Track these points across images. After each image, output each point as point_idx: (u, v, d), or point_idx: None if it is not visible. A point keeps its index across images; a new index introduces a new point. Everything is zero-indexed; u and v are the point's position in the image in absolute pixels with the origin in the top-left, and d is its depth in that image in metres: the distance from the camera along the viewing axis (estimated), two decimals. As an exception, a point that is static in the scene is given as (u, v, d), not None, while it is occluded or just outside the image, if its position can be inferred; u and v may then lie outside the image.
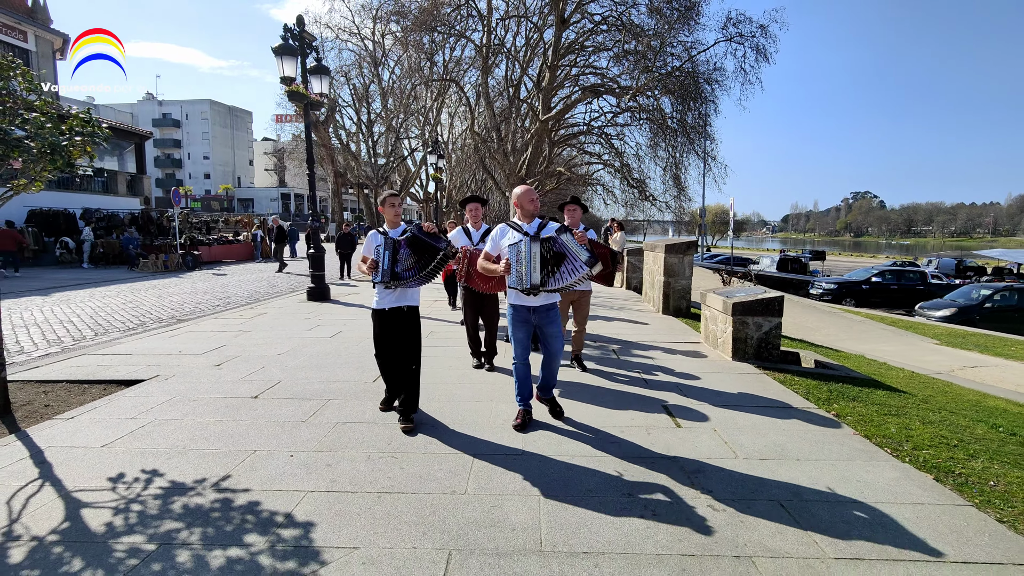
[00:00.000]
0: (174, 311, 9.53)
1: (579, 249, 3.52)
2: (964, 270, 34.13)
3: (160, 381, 5.07)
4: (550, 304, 3.87)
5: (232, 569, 2.30)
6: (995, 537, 2.61)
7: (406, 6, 22.23)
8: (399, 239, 3.71)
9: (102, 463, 3.33)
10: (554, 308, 3.90)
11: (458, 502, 2.88)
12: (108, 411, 4.26)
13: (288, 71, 9.85)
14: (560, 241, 3.56)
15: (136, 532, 2.58)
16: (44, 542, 2.50)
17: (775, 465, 3.37)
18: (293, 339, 6.98)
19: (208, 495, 2.93)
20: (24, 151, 3.61)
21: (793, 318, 13.83)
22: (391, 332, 3.86)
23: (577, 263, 3.52)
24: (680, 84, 21.07)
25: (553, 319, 3.87)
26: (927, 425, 4.20)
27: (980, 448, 3.76)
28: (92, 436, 3.75)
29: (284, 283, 14.40)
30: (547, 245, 3.56)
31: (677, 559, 2.40)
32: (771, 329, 5.94)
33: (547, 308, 3.86)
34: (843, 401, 4.69)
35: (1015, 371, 9.36)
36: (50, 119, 3.77)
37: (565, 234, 3.58)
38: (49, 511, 2.77)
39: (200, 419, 4.08)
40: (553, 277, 3.57)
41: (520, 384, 3.95)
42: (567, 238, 3.55)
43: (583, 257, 3.50)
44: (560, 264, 3.55)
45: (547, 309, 3.86)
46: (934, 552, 2.48)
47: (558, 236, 3.58)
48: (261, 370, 5.48)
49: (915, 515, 2.79)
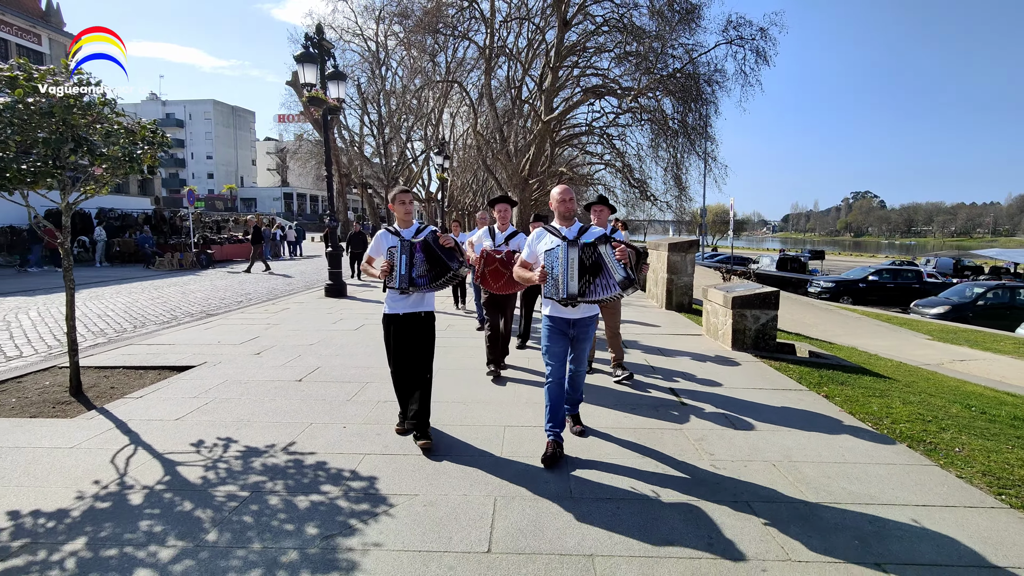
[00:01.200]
0: (201, 306, 10.01)
1: (616, 266, 3.18)
2: (962, 269, 34.62)
3: (209, 367, 5.55)
4: (591, 316, 3.52)
5: (317, 510, 2.78)
6: (952, 488, 3.09)
7: (409, 8, 22.65)
8: (415, 241, 3.46)
9: (180, 432, 3.81)
10: (594, 322, 3.58)
11: (497, 463, 3.36)
12: (170, 392, 4.74)
13: (309, 78, 10.33)
14: (599, 252, 3.22)
15: (228, 483, 3.06)
16: (154, 490, 2.98)
17: (769, 435, 3.85)
18: (321, 331, 7.46)
19: (280, 456, 3.42)
20: (107, 159, 4.09)
21: (791, 315, 14.30)
22: (405, 339, 3.57)
23: (611, 280, 3.19)
24: (681, 86, 21.57)
25: (590, 335, 3.56)
26: (906, 405, 4.68)
27: (951, 423, 4.24)
28: (164, 411, 4.23)
29: (299, 281, 14.89)
30: (588, 252, 3.22)
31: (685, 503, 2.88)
32: (768, 321, 6.42)
33: (588, 321, 3.50)
34: (832, 385, 5.17)
35: (1001, 364, 9.82)
36: (127, 132, 4.24)
37: (604, 246, 3.23)
38: (149, 468, 3.25)
39: (255, 398, 4.57)
40: (590, 288, 3.25)
41: (552, 409, 3.44)
42: (605, 250, 3.21)
43: (618, 276, 3.17)
44: (596, 276, 3.23)
45: (587, 323, 3.50)
46: (900, 498, 2.96)
47: (598, 245, 3.23)
48: (298, 358, 5.96)
49: (887, 472, 3.28)
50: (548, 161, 25.76)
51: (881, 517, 2.76)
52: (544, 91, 22.72)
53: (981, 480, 3.18)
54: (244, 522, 2.65)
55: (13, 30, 23.24)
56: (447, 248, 3.46)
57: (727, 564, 2.37)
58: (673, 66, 21.59)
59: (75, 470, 3.20)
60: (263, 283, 14.25)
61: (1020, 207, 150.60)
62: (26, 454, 3.41)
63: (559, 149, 28.48)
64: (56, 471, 3.19)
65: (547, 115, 22.30)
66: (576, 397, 3.78)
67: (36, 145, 3.81)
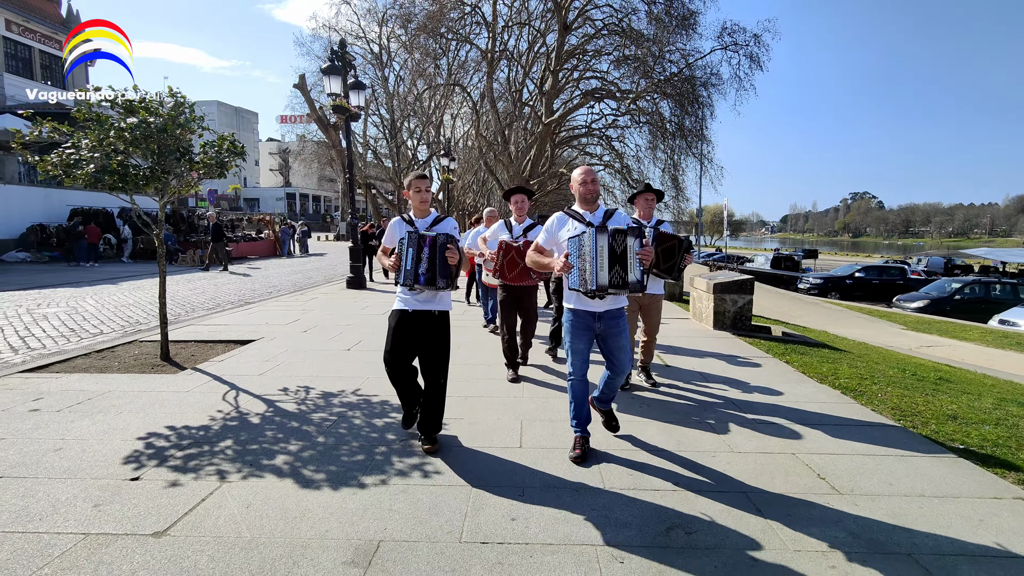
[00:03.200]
0: (237, 296, 11.00)
1: (635, 266, 2.95)
2: (952, 268, 35.63)
3: (267, 341, 6.55)
4: (618, 309, 3.23)
5: (390, 426, 3.77)
6: (864, 413, 4.10)
7: (412, 12, 23.54)
8: (426, 234, 3.17)
9: (266, 382, 4.81)
10: (623, 315, 3.29)
11: (520, 396, 4.36)
12: (244, 357, 5.74)
13: (334, 88, 11.33)
14: (627, 244, 2.95)
15: (319, 412, 4.05)
16: (264, 415, 3.98)
17: (732, 387, 4.85)
18: (353, 315, 8.46)
19: (351, 397, 4.41)
20: (203, 166, 5.08)
21: (779, 307, 15.32)
22: (411, 337, 3.28)
23: (633, 275, 2.96)
24: (677, 90, 22.56)
25: (622, 329, 3.24)
26: (852, 368, 5.68)
27: (884, 380, 5.24)
28: (246, 369, 5.23)
29: (319, 274, 15.88)
30: (619, 240, 2.93)
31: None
32: (744, 304, 7.42)
33: (615, 314, 3.21)
34: (794, 355, 6.16)
35: (964, 349, 10.84)
36: (216, 143, 5.24)
37: (635, 240, 2.96)
38: (254, 404, 4.24)
39: (316, 361, 5.56)
40: (622, 280, 2.96)
41: (576, 405, 3.29)
42: (632, 243, 2.95)
43: (632, 277, 2.94)
44: (625, 268, 2.96)
45: (615, 316, 3.21)
46: (825, 421, 3.96)
47: (628, 236, 2.96)
48: (340, 334, 6.96)
49: (818, 406, 4.28)
50: (548, 162, 26.73)
51: (804, 425, 3.75)
52: (545, 93, 23.67)
53: (889, 412, 4.19)
54: (340, 433, 3.65)
55: (37, 37, 24.22)
56: (445, 263, 3.16)
57: (695, 437, 3.36)
58: (670, 70, 22.58)
59: (199, 405, 4.20)
60: (287, 276, 15.24)
61: (1017, 208, 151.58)
62: (155, 396, 4.41)
63: (559, 150, 29.45)
64: (185, 405, 4.18)
65: (547, 117, 23.26)
66: (610, 396, 3.51)
67: (151, 155, 4.79)
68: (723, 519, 2.60)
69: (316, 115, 36.45)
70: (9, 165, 19.63)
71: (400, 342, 3.28)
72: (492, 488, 2.89)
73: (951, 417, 4.13)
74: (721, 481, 3.01)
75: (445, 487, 2.89)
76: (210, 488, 2.84)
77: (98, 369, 5.23)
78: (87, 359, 5.62)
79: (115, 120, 4.69)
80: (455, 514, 2.62)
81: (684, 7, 21.87)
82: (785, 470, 3.14)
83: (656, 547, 2.37)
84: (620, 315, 3.25)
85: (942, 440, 3.65)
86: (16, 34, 23.26)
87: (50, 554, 2.26)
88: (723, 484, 2.97)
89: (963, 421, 4.06)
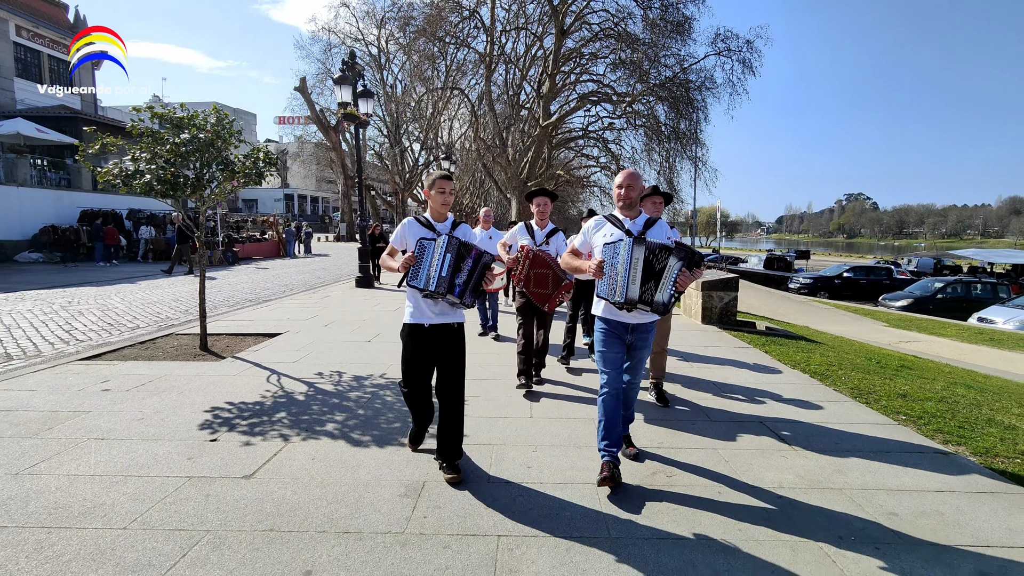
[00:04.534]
0: (252, 294, 11.59)
1: (668, 284, 2.83)
2: (941, 269, 36.49)
3: (293, 334, 7.15)
4: (651, 322, 3.13)
5: (417, 402, 4.38)
6: (827, 392, 4.75)
7: (410, 15, 24.10)
8: (471, 243, 2.97)
9: (301, 368, 5.41)
10: (653, 328, 3.20)
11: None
12: (275, 347, 6.34)
13: (345, 97, 11.94)
14: (667, 264, 2.82)
15: (354, 391, 4.67)
16: (307, 394, 4.59)
17: (714, 368, 5.49)
18: (367, 311, 9.06)
19: (380, 380, 5.02)
20: (242, 175, 5.69)
21: (768, 306, 16.00)
22: (430, 354, 3.05)
23: (661, 296, 2.85)
24: (672, 93, 23.25)
25: (648, 343, 3.16)
26: (823, 357, 6.33)
27: (850, 367, 5.89)
28: (281, 357, 5.84)
29: (327, 274, 16.47)
30: (659, 255, 2.82)
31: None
32: (730, 301, 8.06)
33: (647, 327, 3.12)
34: (773, 345, 6.81)
35: (939, 344, 11.52)
36: (253, 154, 5.85)
37: (676, 260, 2.82)
38: (295, 385, 4.85)
39: (343, 350, 6.17)
40: (651, 296, 2.85)
41: (607, 425, 3.04)
42: (675, 264, 2.81)
43: (660, 297, 2.84)
44: (658, 286, 2.85)
45: (647, 329, 3.12)
46: (790, 394, 4.59)
47: (670, 256, 2.82)
48: (358, 328, 7.57)
49: (789, 387, 4.92)
50: (546, 163, 27.36)
51: (776, 401, 4.39)
52: (542, 96, 24.32)
53: (848, 391, 4.84)
54: (376, 407, 4.26)
55: (46, 42, 24.72)
56: (480, 284, 3.01)
57: (673, 410, 3.98)
58: (665, 74, 23.28)
59: (248, 385, 4.80)
60: (296, 276, 15.82)
61: (1009, 209, 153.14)
62: (207, 378, 5.01)
63: (556, 152, 30.09)
64: (236, 386, 4.79)
65: (545, 120, 23.89)
66: (627, 414, 3.32)
67: (202, 166, 5.40)
68: (674, 442, 3.24)
69: (316, 117, 37.10)
70: (21, 168, 20.12)
71: (420, 362, 3.06)
72: (508, 448, 3.52)
73: (901, 395, 4.78)
74: (695, 436, 3.64)
75: (473, 445, 3.52)
76: (278, 447, 3.45)
77: (146, 357, 5.83)
78: (133, 349, 6.21)
79: (169, 136, 5.29)
80: (483, 461, 3.25)
81: (679, 13, 22.56)
82: (751, 435, 3.78)
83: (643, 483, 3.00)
84: (651, 328, 3.17)
85: (889, 412, 4.29)
86: (26, 39, 23.77)
87: (167, 489, 2.87)
88: (696, 445, 3.61)
89: (911, 399, 4.71)
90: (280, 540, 2.43)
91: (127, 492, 2.84)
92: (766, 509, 2.76)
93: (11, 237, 19.26)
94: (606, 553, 2.38)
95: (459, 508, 2.73)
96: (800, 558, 2.35)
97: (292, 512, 2.67)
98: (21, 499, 2.76)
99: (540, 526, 2.58)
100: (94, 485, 2.91)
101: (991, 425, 4.07)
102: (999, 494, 2.96)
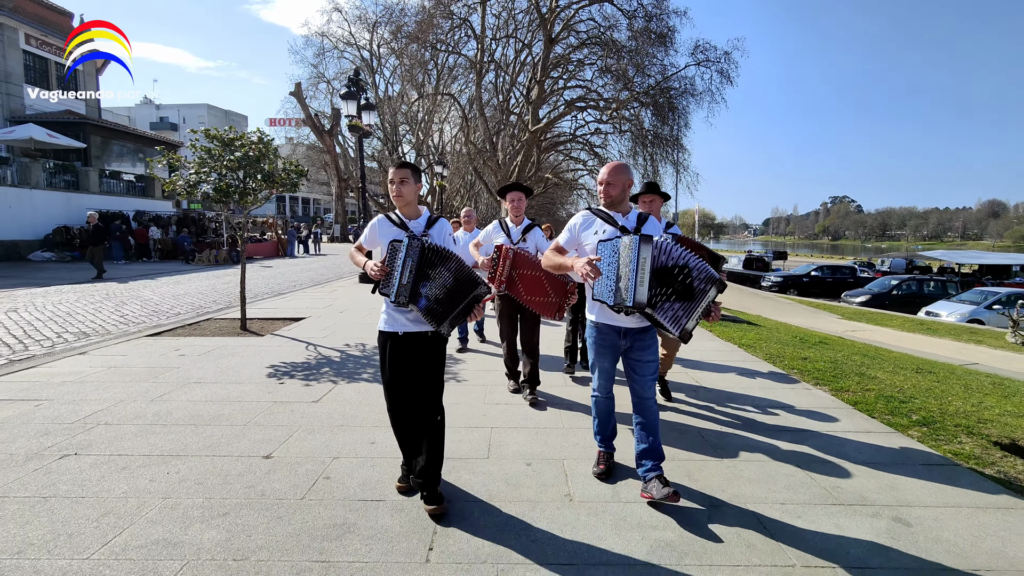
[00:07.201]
0: (266, 289, 12.80)
1: (698, 312, 2.56)
2: (913, 269, 38.44)
3: (315, 318, 8.41)
4: (647, 325, 2.89)
5: (428, 363, 5.69)
6: (746, 357, 6.14)
7: (402, 20, 25.24)
8: (424, 240, 2.67)
9: (331, 341, 6.68)
10: (654, 331, 2.95)
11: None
12: (304, 328, 7.60)
13: (350, 110, 13.20)
14: (688, 260, 2.54)
15: (377, 356, 5.94)
16: (341, 357, 5.87)
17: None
18: (376, 302, 10.32)
19: (396, 349, 6.31)
20: (279, 184, 6.96)
21: (739, 301, 17.43)
22: (406, 365, 2.80)
23: (684, 317, 2.57)
24: (656, 101, 24.68)
25: (649, 345, 2.92)
26: (756, 335, 7.71)
27: (774, 341, 7.27)
28: (311, 334, 7.11)
29: (329, 272, 17.69)
30: (666, 253, 2.57)
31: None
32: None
33: (643, 331, 2.91)
34: (720, 328, 8.18)
35: (881, 333, 13.00)
36: (286, 165, 7.12)
37: (696, 261, 2.55)
38: (330, 352, 6.13)
39: (364, 329, 7.45)
40: (665, 302, 2.58)
41: (600, 421, 3.12)
42: (699, 265, 2.53)
43: (689, 323, 2.56)
44: (681, 296, 2.55)
45: (643, 331, 2.91)
46: (717, 360, 5.95)
47: (674, 248, 2.58)
48: (371, 314, 8.84)
49: (719, 354, 6.30)
50: (535, 167, 28.70)
51: (701, 371, 5.74)
52: (531, 102, 25.65)
53: (764, 356, 6.21)
54: (397, 365, 5.55)
55: (52, 49, 25.66)
56: (467, 314, 2.72)
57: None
58: (648, 82, 24.72)
59: (292, 351, 6.07)
60: (301, 273, 17.02)
61: (988, 212, 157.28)
62: (257, 347, 6.27)
63: (545, 155, 31.45)
64: (283, 352, 6.06)
65: (534, 125, 25.22)
66: (654, 445, 2.90)
67: (250, 178, 6.67)
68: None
69: (311, 121, 38.21)
70: (34, 171, 21.12)
71: (397, 372, 2.80)
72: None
73: (803, 359, 6.16)
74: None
75: (469, 385, 4.83)
76: (330, 387, 4.74)
77: (198, 334, 7.07)
78: (185, 329, 7.44)
79: (225, 153, 6.56)
80: (476, 397, 4.58)
81: (663, 24, 24.01)
82: (682, 387, 5.12)
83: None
84: (651, 332, 2.91)
85: (787, 369, 5.67)
86: (35, 47, 24.73)
87: (259, 409, 4.16)
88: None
89: (811, 362, 6.08)
90: (350, 428, 3.75)
91: (235, 410, 4.12)
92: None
93: (25, 237, 20.31)
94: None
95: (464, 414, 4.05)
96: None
97: (353, 417, 3.98)
98: (166, 413, 4.04)
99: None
100: (209, 407, 4.19)
101: (858, 377, 5.45)
102: (832, 408, 4.33)
